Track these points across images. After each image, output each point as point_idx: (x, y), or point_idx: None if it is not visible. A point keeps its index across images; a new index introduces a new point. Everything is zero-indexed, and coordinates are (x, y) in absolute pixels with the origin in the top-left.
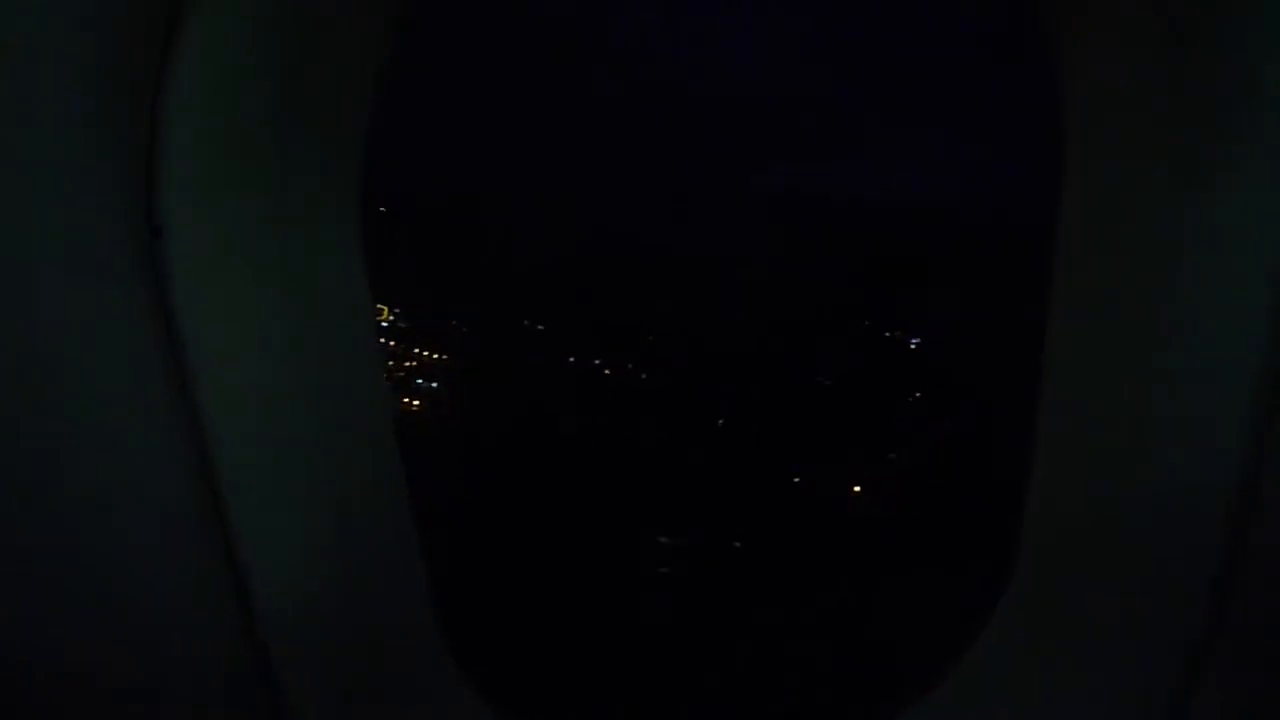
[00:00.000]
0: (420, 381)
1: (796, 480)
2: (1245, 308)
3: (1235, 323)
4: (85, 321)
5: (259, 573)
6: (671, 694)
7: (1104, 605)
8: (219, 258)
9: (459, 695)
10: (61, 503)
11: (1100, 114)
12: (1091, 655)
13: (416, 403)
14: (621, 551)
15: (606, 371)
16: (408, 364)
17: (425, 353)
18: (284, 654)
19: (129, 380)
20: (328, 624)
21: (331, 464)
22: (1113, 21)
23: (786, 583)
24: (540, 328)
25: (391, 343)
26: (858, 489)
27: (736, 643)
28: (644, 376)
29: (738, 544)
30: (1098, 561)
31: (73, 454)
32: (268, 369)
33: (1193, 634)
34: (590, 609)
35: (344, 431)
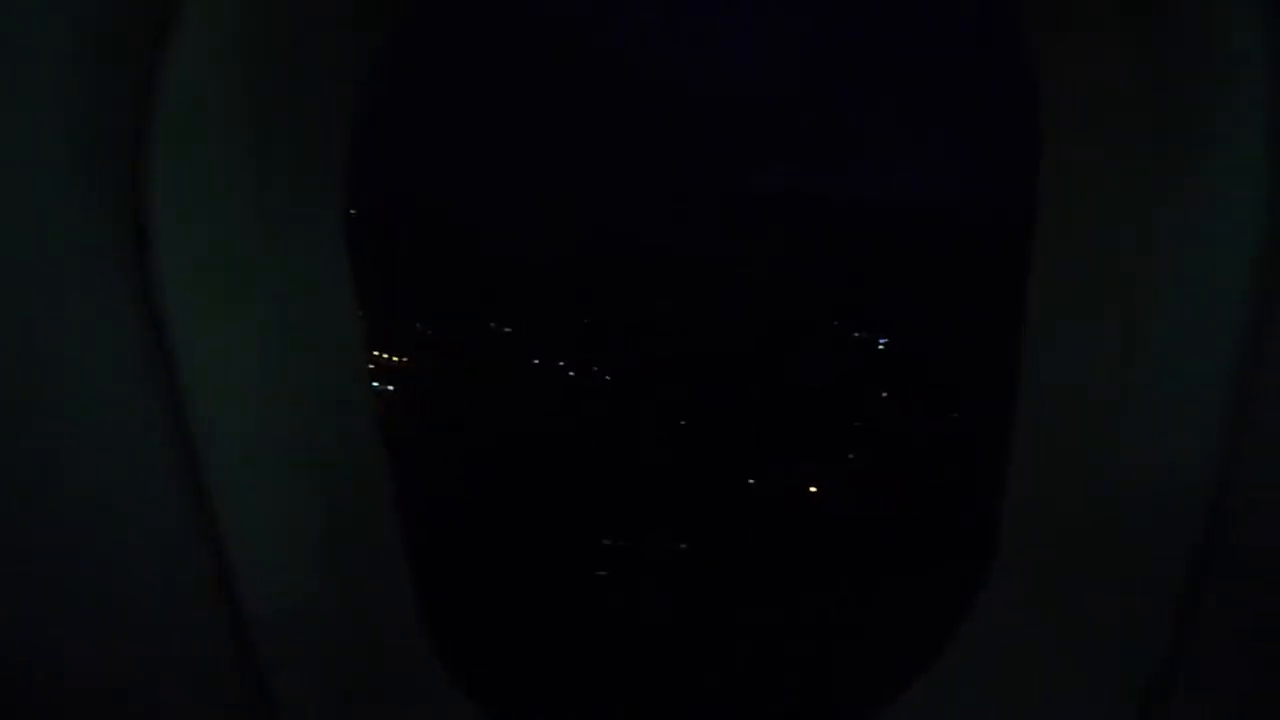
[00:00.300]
0: (375, 385)
1: (783, 480)
2: (1220, 305)
3: (1210, 320)
4: (70, 321)
5: (248, 574)
6: (660, 693)
7: (1082, 601)
8: (206, 258)
9: (451, 697)
10: (50, 504)
11: (1077, 114)
12: (1070, 651)
13: None
14: (593, 553)
15: (571, 373)
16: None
17: (384, 355)
18: (274, 656)
19: (115, 380)
20: (318, 626)
21: (320, 465)
22: (1089, 21)
23: (768, 583)
24: (507, 330)
25: None
26: (845, 489)
27: (723, 643)
28: (608, 378)
29: (723, 545)
30: (1076, 558)
31: (58, 456)
32: (255, 369)
33: (1170, 631)
34: (563, 608)
35: (332, 432)
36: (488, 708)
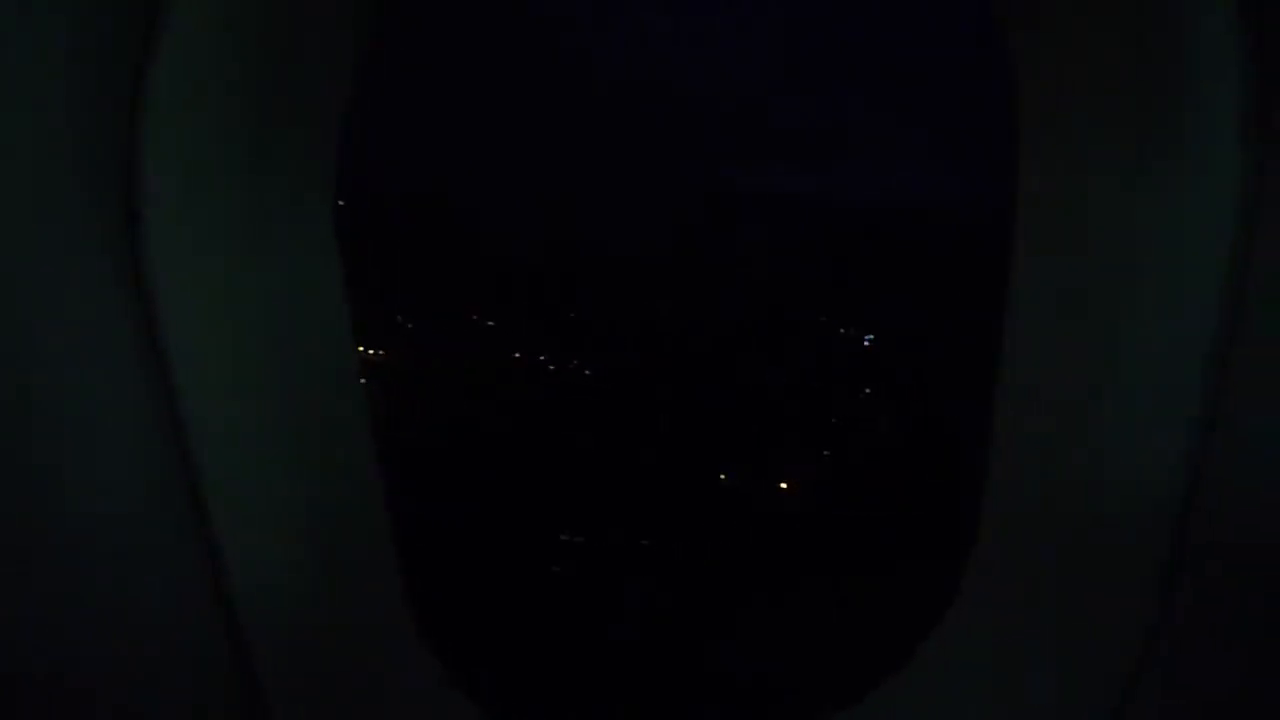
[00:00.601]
0: None
1: (756, 477)
2: (1195, 304)
3: (1185, 320)
4: (63, 319)
5: (242, 573)
6: (635, 690)
7: (1059, 599)
8: (198, 246)
9: (446, 695)
10: (42, 501)
11: (1053, 113)
12: (1047, 649)
13: None
14: (569, 549)
15: (551, 368)
16: None
17: (361, 349)
18: (267, 655)
19: (108, 378)
20: (312, 624)
21: (313, 463)
22: (1065, 19)
23: (742, 580)
24: (490, 323)
25: None
26: (820, 486)
27: (696, 640)
28: (588, 373)
29: (696, 542)
30: (1053, 556)
31: (50, 452)
32: (247, 367)
33: (1145, 628)
34: (535, 604)
35: (324, 431)
36: (481, 703)
